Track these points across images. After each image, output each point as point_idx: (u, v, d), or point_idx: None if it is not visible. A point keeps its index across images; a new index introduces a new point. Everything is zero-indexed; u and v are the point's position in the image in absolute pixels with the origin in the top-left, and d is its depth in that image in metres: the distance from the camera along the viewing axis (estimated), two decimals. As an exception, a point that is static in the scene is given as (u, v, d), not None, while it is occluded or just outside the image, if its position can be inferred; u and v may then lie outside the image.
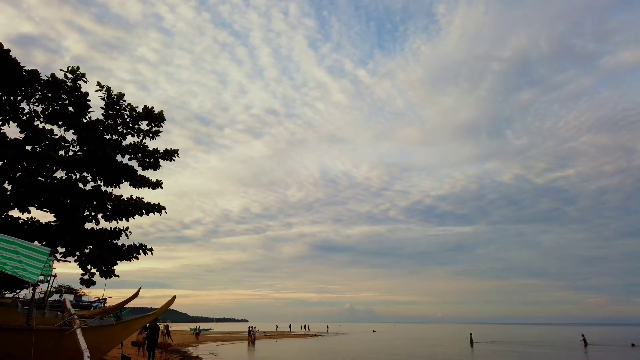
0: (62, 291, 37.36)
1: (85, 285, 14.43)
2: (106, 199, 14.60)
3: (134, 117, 14.82)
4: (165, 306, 15.87)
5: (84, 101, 13.90)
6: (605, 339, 69.07)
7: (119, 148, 14.86)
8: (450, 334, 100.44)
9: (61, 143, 14.12)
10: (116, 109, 14.53)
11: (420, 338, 73.58)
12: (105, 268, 14.42)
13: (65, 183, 13.87)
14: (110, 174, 14.73)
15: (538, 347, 47.85)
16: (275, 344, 53.40)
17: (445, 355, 34.77)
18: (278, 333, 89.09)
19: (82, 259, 14.03)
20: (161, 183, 15.67)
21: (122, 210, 14.73)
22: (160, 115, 15.04)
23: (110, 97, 14.31)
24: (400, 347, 47.08)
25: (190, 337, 63.13)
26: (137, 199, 14.84)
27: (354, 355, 34.70)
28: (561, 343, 56.57)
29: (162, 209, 15.18)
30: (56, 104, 13.68)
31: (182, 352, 35.03)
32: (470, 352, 39.57)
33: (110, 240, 14.88)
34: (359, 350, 41.66)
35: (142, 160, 15.35)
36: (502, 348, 45.72)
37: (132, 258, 14.97)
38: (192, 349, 41.15)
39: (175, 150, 15.64)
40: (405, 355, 35.09)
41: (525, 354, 37.92)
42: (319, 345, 49.34)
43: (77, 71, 13.68)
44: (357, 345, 49.68)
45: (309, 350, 41.62)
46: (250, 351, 40.83)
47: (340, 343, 56.63)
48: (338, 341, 62.65)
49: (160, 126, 15.32)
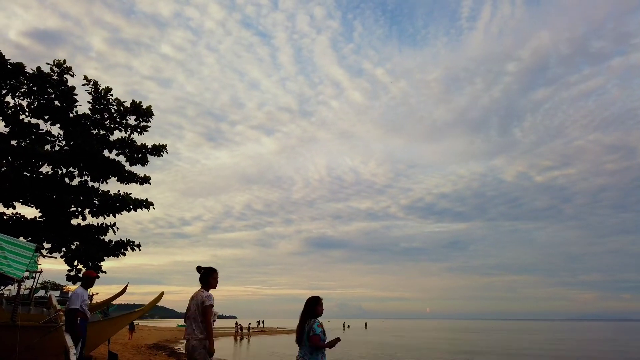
0: (47, 287, 37.04)
1: (71, 281, 14.27)
2: (93, 194, 14.44)
3: (121, 112, 14.65)
4: (153, 302, 15.76)
5: (70, 95, 13.70)
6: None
7: (106, 143, 14.68)
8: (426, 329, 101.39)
9: (47, 137, 13.92)
10: (103, 104, 14.35)
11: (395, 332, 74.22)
12: (92, 264, 14.26)
13: (51, 178, 13.68)
14: (97, 169, 14.55)
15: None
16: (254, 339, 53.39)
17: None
18: (253, 330, 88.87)
19: (68, 255, 13.87)
20: (149, 178, 15.52)
21: (109, 206, 14.57)
22: (148, 110, 14.89)
23: (97, 92, 14.13)
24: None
25: (179, 333, 62.83)
26: (125, 194, 14.70)
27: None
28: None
29: (150, 205, 15.05)
30: (42, 97, 13.47)
31: (169, 349, 34.89)
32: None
33: (97, 236, 14.72)
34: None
35: (130, 156, 15.19)
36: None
37: (120, 254, 14.83)
38: (178, 345, 40.99)
39: (163, 146, 15.49)
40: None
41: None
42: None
43: (63, 64, 13.48)
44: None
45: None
46: (236, 346, 40.79)
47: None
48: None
49: (149, 121, 15.17)
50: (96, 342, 14.60)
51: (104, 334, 14.87)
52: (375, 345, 43.44)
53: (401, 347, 41.05)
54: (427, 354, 32.67)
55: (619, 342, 52.60)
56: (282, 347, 39.12)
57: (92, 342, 14.09)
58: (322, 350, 5.49)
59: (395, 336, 64.59)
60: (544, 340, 58.16)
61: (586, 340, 58.58)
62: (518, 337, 66.82)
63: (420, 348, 39.64)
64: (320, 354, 5.49)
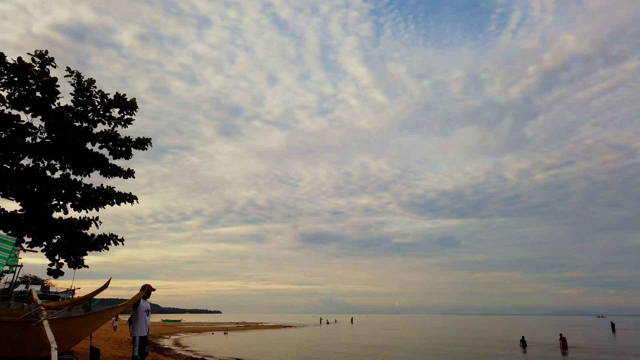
0: (28, 282, 36.42)
1: (52, 275, 14.09)
2: (75, 187, 14.24)
3: (105, 104, 14.45)
4: (136, 297, 15.64)
5: (52, 86, 13.46)
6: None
7: (89, 136, 14.48)
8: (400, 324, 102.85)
9: (28, 129, 13.66)
10: (86, 96, 14.13)
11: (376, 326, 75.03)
12: (74, 258, 14.10)
13: (32, 171, 13.45)
14: (80, 162, 14.35)
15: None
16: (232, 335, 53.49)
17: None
18: (240, 325, 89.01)
19: (49, 249, 13.68)
20: (133, 172, 15.36)
21: (91, 200, 14.39)
22: (132, 102, 14.71)
23: (80, 83, 13.91)
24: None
25: (162, 328, 62.57)
26: (108, 188, 14.53)
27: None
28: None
29: (134, 199, 14.91)
30: (23, 88, 13.20)
31: (153, 344, 34.71)
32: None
33: (79, 230, 14.54)
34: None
35: (114, 149, 15.00)
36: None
37: (102, 248, 14.68)
38: (162, 340, 40.85)
39: (147, 139, 15.34)
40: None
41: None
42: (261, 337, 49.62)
43: (45, 55, 13.23)
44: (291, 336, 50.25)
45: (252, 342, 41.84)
46: (219, 341, 40.79)
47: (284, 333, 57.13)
48: (287, 333, 63.09)
49: (133, 114, 14.99)
50: (78, 337, 14.46)
51: (86, 329, 14.72)
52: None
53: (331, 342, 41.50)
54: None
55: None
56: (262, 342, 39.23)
57: (74, 337, 13.95)
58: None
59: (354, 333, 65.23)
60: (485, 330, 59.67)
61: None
62: (468, 330, 68.24)
63: (341, 342, 40.11)
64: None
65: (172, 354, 26.89)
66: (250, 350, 32.19)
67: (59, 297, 21.13)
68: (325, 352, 30.64)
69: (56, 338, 9.07)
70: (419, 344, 39.73)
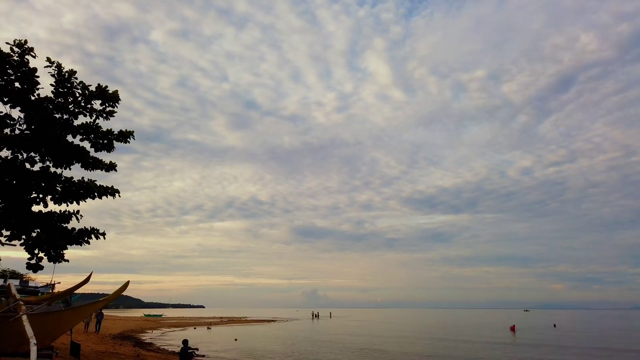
0: (6, 276, 35.72)
1: (32, 270, 13.85)
2: (55, 180, 13.98)
3: (86, 96, 14.18)
4: (118, 292, 15.51)
5: (32, 77, 13.14)
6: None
7: (69, 128, 14.19)
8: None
9: (7, 121, 13.35)
10: (67, 87, 13.84)
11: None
12: (54, 252, 13.87)
13: (10, 163, 13.16)
14: (60, 155, 14.08)
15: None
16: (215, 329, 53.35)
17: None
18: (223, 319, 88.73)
19: (28, 242, 13.43)
20: (115, 165, 15.15)
21: (72, 193, 14.15)
22: (115, 95, 14.46)
23: (60, 74, 13.62)
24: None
25: (144, 323, 62.02)
26: (89, 181, 14.30)
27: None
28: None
29: (116, 192, 14.71)
30: (1, 79, 12.88)
31: (135, 339, 34.45)
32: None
33: (59, 224, 14.30)
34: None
35: (95, 142, 14.75)
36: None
37: (83, 242, 14.47)
38: (144, 335, 40.55)
39: (130, 132, 15.11)
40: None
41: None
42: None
43: (24, 45, 12.91)
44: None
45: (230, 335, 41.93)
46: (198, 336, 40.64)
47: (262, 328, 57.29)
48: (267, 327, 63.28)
49: (115, 106, 14.74)
50: (58, 332, 14.28)
51: (66, 324, 14.55)
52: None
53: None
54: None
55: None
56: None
57: (54, 332, 13.78)
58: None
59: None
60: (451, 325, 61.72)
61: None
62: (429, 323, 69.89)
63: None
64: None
65: (155, 349, 26.74)
66: (232, 344, 32.15)
67: (39, 292, 20.79)
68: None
69: (35, 333, 8.97)
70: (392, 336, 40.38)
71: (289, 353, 27.43)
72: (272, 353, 27.18)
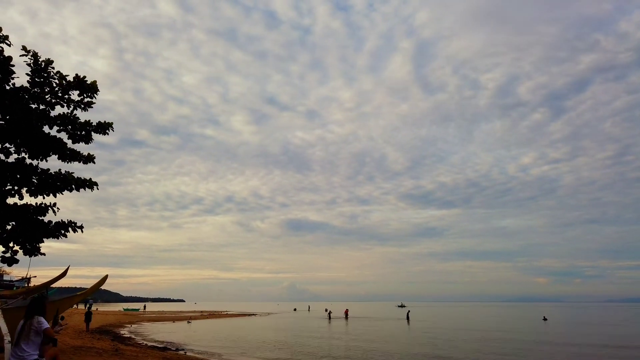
0: (-21, 270, 34.84)
1: (6, 263, 13.56)
2: (31, 172, 13.68)
3: (63, 86, 13.87)
4: (96, 286, 15.33)
5: (6, 66, 12.78)
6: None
7: (46, 118, 13.88)
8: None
9: (-20, 110, 12.99)
10: (44, 76, 13.52)
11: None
12: (30, 245, 13.61)
13: (-16, 154, 12.84)
14: (36, 146, 13.77)
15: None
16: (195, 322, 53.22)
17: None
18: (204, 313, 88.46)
19: (3, 235, 13.15)
20: (93, 157, 14.88)
21: (49, 185, 13.87)
22: (93, 85, 14.17)
23: (37, 63, 13.29)
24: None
25: (123, 317, 61.36)
26: (67, 173, 14.03)
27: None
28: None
29: (94, 185, 14.48)
30: (-26, 67, 12.51)
31: (113, 333, 34.08)
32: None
33: (35, 217, 14.01)
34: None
35: (73, 133, 14.46)
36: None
37: (60, 236, 14.21)
38: (122, 329, 40.16)
39: (109, 124, 14.86)
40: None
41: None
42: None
43: (-1, 32, 12.54)
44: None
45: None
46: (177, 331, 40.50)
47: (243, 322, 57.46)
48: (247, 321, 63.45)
49: (94, 97, 14.46)
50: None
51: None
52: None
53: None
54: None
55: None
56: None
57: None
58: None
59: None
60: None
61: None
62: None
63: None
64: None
65: (134, 343, 26.49)
66: (211, 337, 32.11)
67: (14, 286, 20.39)
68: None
69: (9, 328, 8.79)
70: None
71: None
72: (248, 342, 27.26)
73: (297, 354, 23.95)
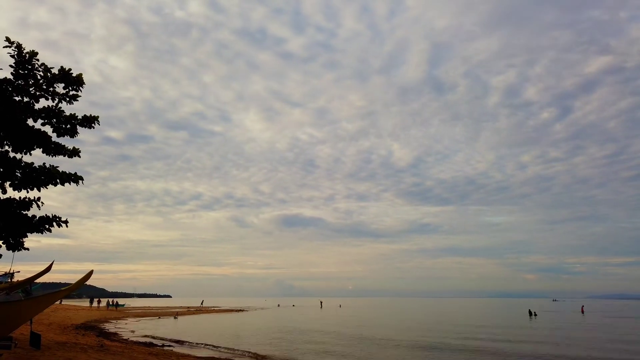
0: (-39, 265, 34.26)
1: (-11, 258, 13.36)
2: (15, 166, 13.46)
3: (48, 79, 13.64)
4: (81, 281, 15.17)
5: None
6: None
7: (30, 111, 13.65)
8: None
9: (-39, 102, 12.73)
10: (28, 69, 13.28)
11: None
12: (13, 240, 13.41)
13: (-34, 147, 12.59)
14: (20, 139, 13.54)
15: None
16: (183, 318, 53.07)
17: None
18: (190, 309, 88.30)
19: (-15, 230, 12.94)
20: (79, 151, 14.69)
21: (33, 179, 13.65)
22: (79, 78, 13.96)
23: (21, 55, 13.05)
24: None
25: (108, 313, 60.93)
26: (51, 167, 13.82)
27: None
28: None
29: (80, 179, 14.29)
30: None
31: (98, 329, 33.81)
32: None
33: (18, 211, 13.80)
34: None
35: (57, 126, 14.24)
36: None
37: (44, 230, 14.02)
38: (109, 325, 39.87)
39: (95, 117, 14.65)
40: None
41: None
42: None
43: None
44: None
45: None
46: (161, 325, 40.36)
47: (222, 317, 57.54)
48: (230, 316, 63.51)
49: (79, 90, 14.25)
50: (17, 322, 13.87)
51: (26, 314, 14.14)
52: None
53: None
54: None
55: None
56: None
57: (12, 322, 13.37)
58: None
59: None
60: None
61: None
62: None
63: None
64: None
65: (119, 339, 26.30)
66: (199, 333, 32.02)
67: (-4, 281, 20.11)
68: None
69: (-7, 323, 8.67)
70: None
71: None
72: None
73: (278, 347, 24.08)
